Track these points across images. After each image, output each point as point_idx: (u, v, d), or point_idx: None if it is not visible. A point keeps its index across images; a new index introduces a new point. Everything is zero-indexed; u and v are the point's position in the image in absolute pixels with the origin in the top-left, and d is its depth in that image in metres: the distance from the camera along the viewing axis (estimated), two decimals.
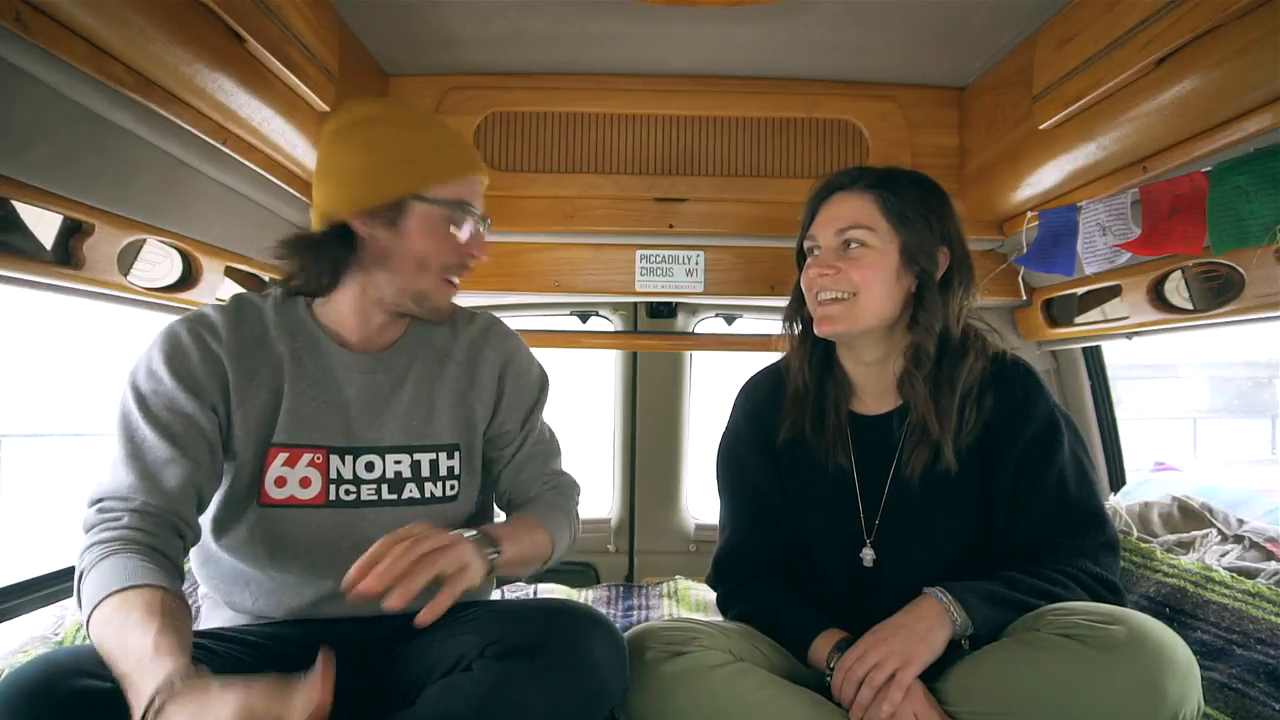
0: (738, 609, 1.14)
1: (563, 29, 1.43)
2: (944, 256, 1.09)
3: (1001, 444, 1.06)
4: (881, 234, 1.06)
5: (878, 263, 1.05)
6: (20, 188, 1.00)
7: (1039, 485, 1.05)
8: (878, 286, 1.05)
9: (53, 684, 0.73)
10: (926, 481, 1.07)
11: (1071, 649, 0.85)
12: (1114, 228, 1.31)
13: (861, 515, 1.11)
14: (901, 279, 1.07)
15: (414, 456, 1.04)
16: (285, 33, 1.15)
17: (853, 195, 1.08)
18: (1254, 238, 1.06)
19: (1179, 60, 1.03)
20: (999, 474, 1.06)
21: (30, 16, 0.83)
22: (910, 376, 1.08)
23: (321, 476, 1.00)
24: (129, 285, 1.26)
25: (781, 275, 1.74)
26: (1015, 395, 1.08)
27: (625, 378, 2.23)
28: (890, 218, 1.06)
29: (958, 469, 1.05)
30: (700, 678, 0.95)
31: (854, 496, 1.11)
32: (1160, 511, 1.63)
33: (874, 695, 0.92)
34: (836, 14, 1.35)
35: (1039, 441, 1.06)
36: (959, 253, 1.09)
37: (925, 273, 1.07)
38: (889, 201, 1.06)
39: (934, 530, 1.08)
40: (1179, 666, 0.83)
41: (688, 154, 1.66)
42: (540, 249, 1.75)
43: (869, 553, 1.10)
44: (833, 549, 1.12)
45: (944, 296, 1.07)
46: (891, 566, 1.08)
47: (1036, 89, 1.31)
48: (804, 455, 1.14)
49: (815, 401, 1.14)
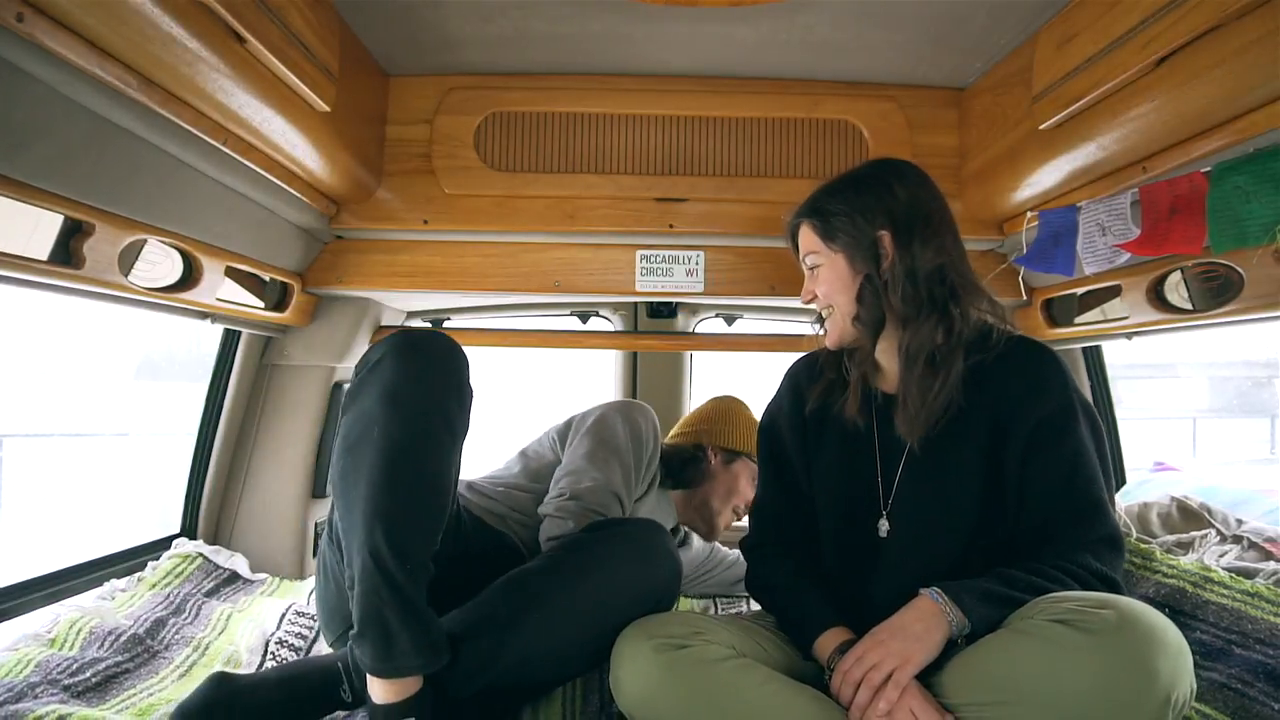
0: (761, 584, 1.21)
1: (563, 29, 1.43)
2: (886, 239, 1.11)
3: (1013, 421, 1.07)
4: (824, 254, 1.17)
5: (829, 276, 1.16)
6: (20, 188, 1.00)
7: (1046, 467, 1.05)
8: (839, 296, 1.15)
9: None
10: (938, 455, 1.09)
11: (1063, 634, 0.86)
12: (1114, 228, 1.31)
13: (880, 485, 1.14)
14: (858, 282, 1.14)
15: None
16: (285, 33, 1.15)
17: (801, 228, 1.21)
18: (1254, 238, 1.06)
19: (1179, 60, 1.03)
20: (1009, 450, 1.07)
21: (30, 16, 0.83)
22: (906, 361, 1.12)
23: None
24: (129, 285, 1.26)
25: (781, 275, 1.74)
26: (1029, 373, 1.09)
27: (625, 378, 2.23)
28: (822, 237, 1.16)
29: (969, 444, 1.08)
30: (703, 671, 0.96)
31: (873, 465, 1.15)
32: (1159, 512, 1.63)
33: (872, 695, 0.94)
34: (836, 14, 1.35)
35: (1051, 422, 1.06)
36: (902, 221, 1.11)
37: (868, 273, 1.12)
38: (817, 225, 1.17)
39: (945, 505, 1.09)
40: (1170, 647, 0.83)
41: (688, 154, 1.66)
42: (540, 249, 1.75)
43: (884, 524, 1.12)
44: (850, 517, 1.15)
45: (885, 280, 1.10)
46: (904, 539, 1.10)
47: (1036, 89, 1.31)
48: (829, 425, 1.20)
49: (841, 373, 1.22)
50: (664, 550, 1.17)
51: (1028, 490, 1.06)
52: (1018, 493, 1.07)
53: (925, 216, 1.11)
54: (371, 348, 1.06)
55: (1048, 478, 1.05)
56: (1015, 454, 1.07)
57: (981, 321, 1.13)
